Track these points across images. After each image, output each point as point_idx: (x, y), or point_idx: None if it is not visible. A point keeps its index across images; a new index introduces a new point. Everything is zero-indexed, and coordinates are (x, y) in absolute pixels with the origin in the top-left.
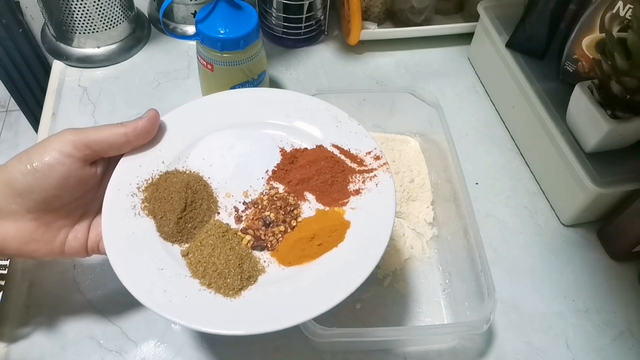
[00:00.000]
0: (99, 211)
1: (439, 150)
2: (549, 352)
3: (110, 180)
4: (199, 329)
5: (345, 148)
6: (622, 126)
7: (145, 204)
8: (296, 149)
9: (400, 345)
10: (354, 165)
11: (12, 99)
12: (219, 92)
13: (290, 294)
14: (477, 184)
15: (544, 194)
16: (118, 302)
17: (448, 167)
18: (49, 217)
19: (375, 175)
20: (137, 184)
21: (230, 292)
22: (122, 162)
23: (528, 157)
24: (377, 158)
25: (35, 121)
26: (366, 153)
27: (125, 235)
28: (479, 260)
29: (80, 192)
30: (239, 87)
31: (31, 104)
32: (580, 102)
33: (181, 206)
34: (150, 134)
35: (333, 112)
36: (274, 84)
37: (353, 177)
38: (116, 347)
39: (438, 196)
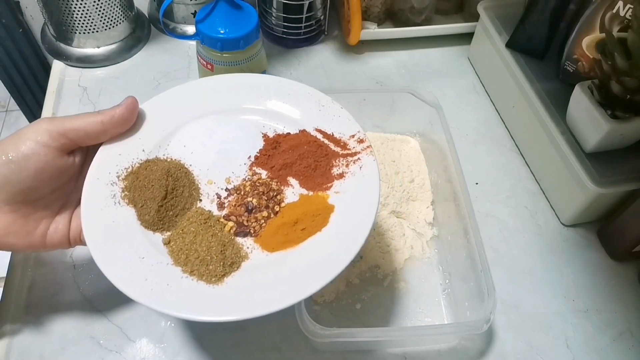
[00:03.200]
0: (80, 202)
1: (439, 150)
2: (549, 352)
3: (89, 169)
4: (180, 316)
5: (329, 132)
6: (622, 126)
7: (126, 192)
8: (279, 134)
9: (400, 345)
10: (338, 149)
11: (12, 99)
12: (200, 78)
13: (274, 279)
14: (477, 184)
15: (544, 194)
16: (118, 302)
17: (448, 167)
18: (28, 209)
19: (359, 158)
20: (117, 172)
21: (213, 279)
22: (101, 150)
23: (528, 157)
24: (361, 141)
25: None
26: (350, 136)
27: (105, 225)
28: (479, 260)
29: (58, 182)
30: None
31: (31, 104)
32: (580, 102)
33: (162, 194)
34: (129, 122)
35: (315, 95)
36: None
37: (337, 161)
38: (116, 346)
39: (438, 196)
